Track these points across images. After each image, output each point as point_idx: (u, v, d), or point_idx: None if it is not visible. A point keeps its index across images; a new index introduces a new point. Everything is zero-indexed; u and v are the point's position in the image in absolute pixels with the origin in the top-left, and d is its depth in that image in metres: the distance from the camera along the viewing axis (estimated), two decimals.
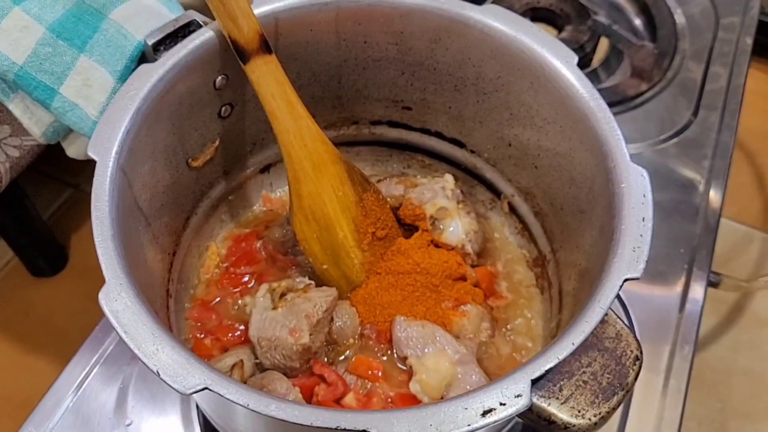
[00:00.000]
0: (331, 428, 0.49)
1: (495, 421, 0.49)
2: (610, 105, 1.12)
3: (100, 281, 0.55)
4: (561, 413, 0.54)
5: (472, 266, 0.82)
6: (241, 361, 0.73)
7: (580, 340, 0.53)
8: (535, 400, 0.53)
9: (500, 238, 0.87)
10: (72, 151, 0.76)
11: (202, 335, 0.78)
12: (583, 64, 1.21)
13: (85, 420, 0.82)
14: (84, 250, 1.69)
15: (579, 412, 0.54)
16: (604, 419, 0.55)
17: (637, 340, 0.58)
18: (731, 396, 1.45)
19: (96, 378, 0.85)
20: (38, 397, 0.84)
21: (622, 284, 0.56)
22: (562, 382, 0.55)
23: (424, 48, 0.77)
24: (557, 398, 0.54)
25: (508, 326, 0.80)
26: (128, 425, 0.82)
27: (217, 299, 0.81)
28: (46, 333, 1.57)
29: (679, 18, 1.27)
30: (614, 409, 0.55)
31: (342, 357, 0.75)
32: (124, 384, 0.85)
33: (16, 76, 0.67)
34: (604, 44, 1.25)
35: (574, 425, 0.54)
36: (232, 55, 0.69)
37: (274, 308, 0.73)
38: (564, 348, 0.52)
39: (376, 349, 0.76)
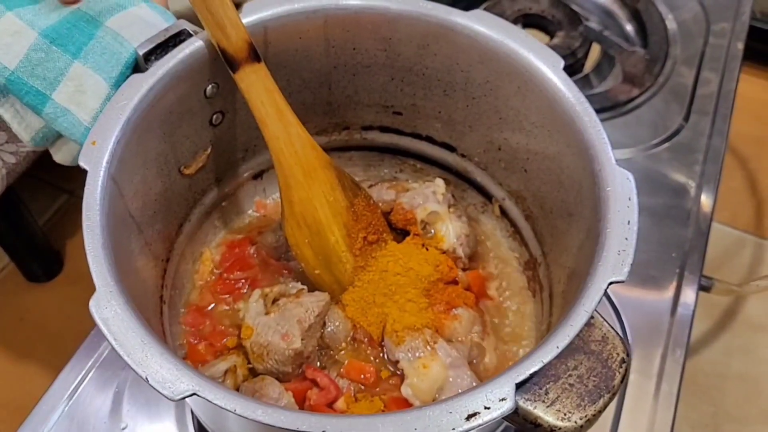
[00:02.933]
0: None
1: (480, 425, 0.50)
2: (602, 110, 1.15)
3: (94, 288, 0.56)
4: (547, 416, 0.54)
5: (464, 270, 0.83)
6: (235, 366, 0.73)
7: (564, 343, 0.53)
8: (521, 403, 0.54)
9: (492, 242, 0.87)
10: (59, 156, 0.76)
11: (196, 341, 0.78)
12: (574, 69, 1.22)
13: (81, 424, 0.83)
14: (79, 256, 1.68)
15: (565, 414, 0.55)
16: (590, 422, 0.55)
17: (623, 342, 0.58)
18: (724, 400, 1.46)
19: (91, 383, 0.86)
20: (33, 402, 0.84)
21: (607, 287, 0.56)
22: (548, 385, 0.55)
23: (412, 54, 0.78)
24: (543, 401, 0.55)
25: (500, 329, 0.80)
26: (123, 429, 0.82)
27: (211, 305, 0.81)
28: (40, 338, 1.57)
29: (671, 24, 1.28)
30: (600, 411, 0.56)
31: (333, 361, 0.76)
32: (119, 388, 0.85)
33: (8, 80, 0.67)
34: (595, 50, 1.26)
35: (560, 428, 0.54)
36: (221, 63, 0.70)
37: (267, 313, 0.74)
38: (549, 352, 0.53)
39: (368, 352, 0.77)
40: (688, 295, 0.94)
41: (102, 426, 0.83)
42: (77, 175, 0.61)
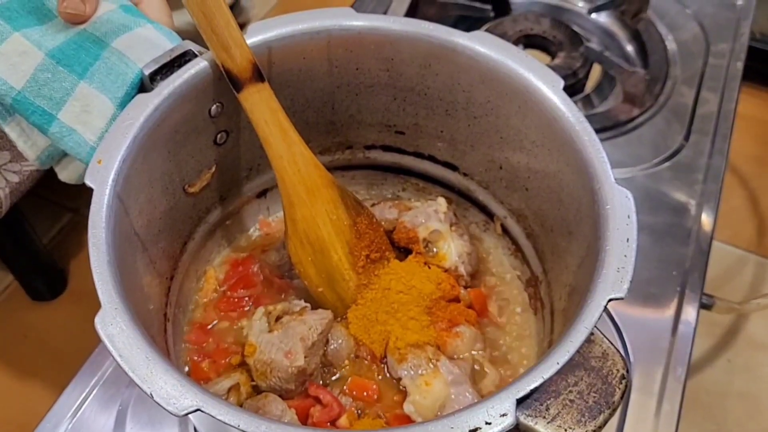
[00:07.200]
0: None
1: None
2: (603, 130, 1.16)
3: (99, 305, 0.56)
4: None
5: (466, 287, 0.83)
6: (238, 383, 0.74)
7: (564, 359, 0.54)
8: (522, 419, 0.54)
9: (494, 260, 0.88)
10: (64, 175, 0.77)
11: (200, 358, 0.78)
12: (576, 89, 1.23)
13: None
14: (83, 274, 1.69)
15: (566, 430, 0.55)
16: None
17: (623, 358, 0.59)
18: (727, 418, 1.45)
19: (95, 400, 0.86)
20: (37, 419, 0.84)
21: (607, 304, 0.57)
22: (549, 401, 0.56)
23: (414, 74, 0.79)
24: (544, 417, 0.55)
25: (502, 347, 0.81)
26: None
27: (215, 322, 0.82)
28: (44, 356, 1.58)
29: (671, 44, 1.29)
30: (601, 427, 0.56)
31: (336, 378, 0.76)
32: (122, 406, 0.86)
33: (14, 100, 0.68)
34: (596, 70, 1.27)
35: None
36: (226, 83, 0.70)
37: (270, 331, 0.74)
38: (549, 367, 0.53)
39: (370, 370, 0.77)
40: (689, 313, 0.94)
41: None
42: (81, 194, 0.62)
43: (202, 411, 0.51)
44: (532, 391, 0.53)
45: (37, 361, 1.57)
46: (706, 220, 1.04)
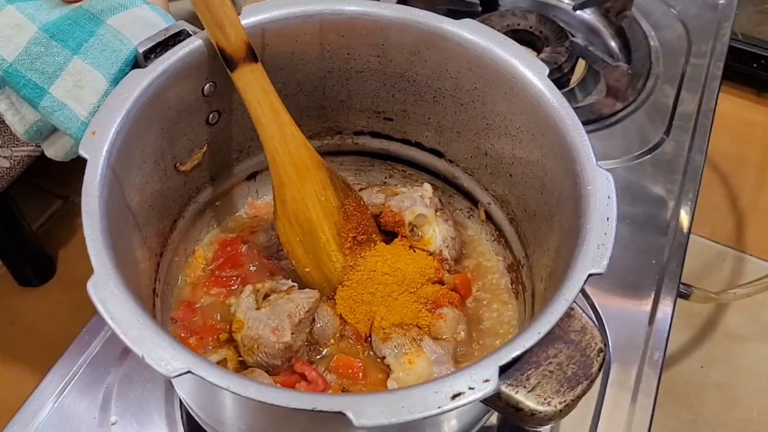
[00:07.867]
0: (307, 410, 0.51)
1: (464, 404, 0.51)
2: (587, 123, 1.17)
3: (86, 294, 0.56)
4: (528, 401, 0.56)
5: (450, 272, 0.85)
6: (225, 359, 0.75)
7: (546, 329, 0.55)
8: (503, 388, 0.56)
9: (477, 245, 0.89)
10: (51, 151, 0.77)
11: (187, 335, 0.79)
12: (560, 84, 1.25)
13: (70, 419, 0.84)
14: (71, 261, 1.69)
15: (545, 399, 0.56)
16: (569, 407, 0.57)
17: (601, 333, 0.60)
18: (703, 409, 1.48)
19: (81, 379, 0.87)
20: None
21: (587, 279, 0.58)
22: (529, 372, 0.57)
23: (404, 60, 0.80)
24: (524, 386, 0.56)
25: (484, 329, 0.82)
26: (113, 424, 0.83)
27: (202, 300, 0.83)
28: (31, 342, 1.57)
29: (654, 42, 1.32)
30: (579, 397, 0.57)
31: (322, 356, 0.78)
32: (108, 385, 0.86)
33: (5, 72, 0.68)
34: (581, 66, 1.29)
35: (540, 412, 0.56)
36: (220, 63, 0.72)
37: (258, 308, 0.75)
38: (531, 337, 0.55)
39: (356, 348, 0.78)
40: (667, 300, 0.96)
41: (91, 421, 0.84)
42: (72, 181, 0.63)
43: (192, 373, 0.52)
44: (514, 360, 0.54)
45: (24, 346, 1.57)
46: (684, 210, 1.06)
